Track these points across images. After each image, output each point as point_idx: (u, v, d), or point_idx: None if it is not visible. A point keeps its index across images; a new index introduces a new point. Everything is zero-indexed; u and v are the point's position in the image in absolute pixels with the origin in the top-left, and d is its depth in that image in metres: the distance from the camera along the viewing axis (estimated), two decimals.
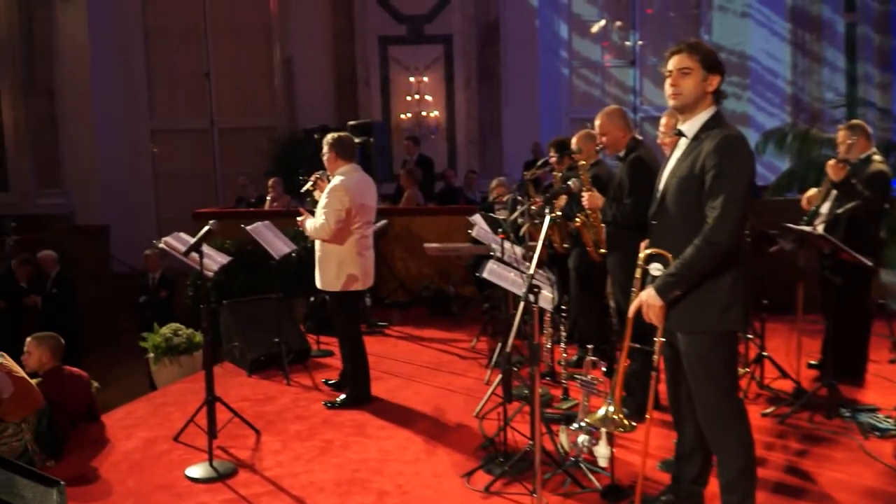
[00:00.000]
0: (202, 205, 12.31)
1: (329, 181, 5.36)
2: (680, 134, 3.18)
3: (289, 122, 14.57)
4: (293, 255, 6.82)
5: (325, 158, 5.35)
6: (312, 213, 5.38)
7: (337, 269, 5.28)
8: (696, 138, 3.12)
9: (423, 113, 13.94)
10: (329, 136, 5.39)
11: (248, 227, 6.23)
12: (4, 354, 4.73)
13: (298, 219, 5.42)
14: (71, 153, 14.78)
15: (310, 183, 5.60)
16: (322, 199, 5.22)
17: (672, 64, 3.11)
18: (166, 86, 15.47)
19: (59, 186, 14.90)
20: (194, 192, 15.06)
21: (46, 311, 10.04)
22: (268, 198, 10.37)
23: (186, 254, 4.60)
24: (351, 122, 9.45)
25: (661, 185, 3.21)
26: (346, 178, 5.27)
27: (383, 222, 9.04)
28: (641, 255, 3.23)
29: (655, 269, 3.14)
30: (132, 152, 15.21)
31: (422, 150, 11.83)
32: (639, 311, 3.16)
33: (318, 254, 5.38)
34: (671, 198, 3.13)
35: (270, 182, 10.43)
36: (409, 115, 13.95)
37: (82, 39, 14.47)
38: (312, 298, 7.76)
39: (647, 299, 3.11)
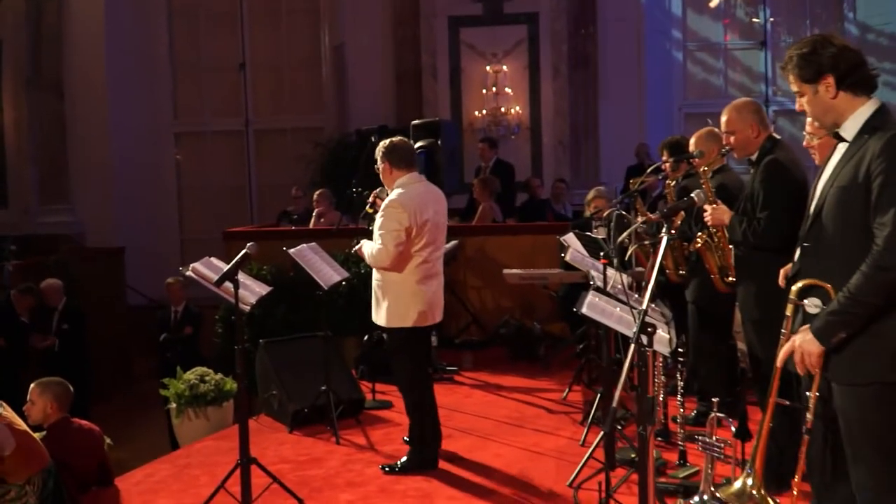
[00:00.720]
0: (234, 222, 12.48)
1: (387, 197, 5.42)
2: (838, 138, 3.14)
3: (339, 122, 14.75)
4: (344, 283, 6.90)
5: (379, 170, 5.45)
6: (369, 232, 5.47)
7: (396, 300, 5.33)
8: (858, 138, 3.07)
9: (502, 109, 13.96)
10: (382, 144, 5.47)
11: (291, 250, 6.29)
12: (4, 404, 4.85)
13: (354, 247, 5.54)
14: (81, 161, 15.03)
15: (368, 205, 5.73)
16: (377, 219, 5.32)
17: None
18: (194, 80, 15.83)
19: (66, 201, 15.18)
20: (225, 207, 15.36)
21: (52, 352, 10.30)
22: (314, 213, 10.58)
23: (219, 283, 4.68)
24: (414, 122, 9.45)
25: (816, 198, 3.15)
26: (404, 191, 5.34)
27: (453, 243, 9.09)
28: (794, 287, 3.17)
29: (813, 305, 3.09)
30: (153, 160, 15.56)
31: (500, 154, 11.81)
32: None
33: (374, 282, 5.44)
34: (829, 213, 3.07)
35: (316, 195, 10.63)
36: (484, 111, 13.99)
37: (97, 27, 14.83)
38: (367, 337, 7.87)
39: (802, 344, 3.05)
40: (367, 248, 5.38)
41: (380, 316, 5.43)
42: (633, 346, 3.18)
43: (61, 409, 5.27)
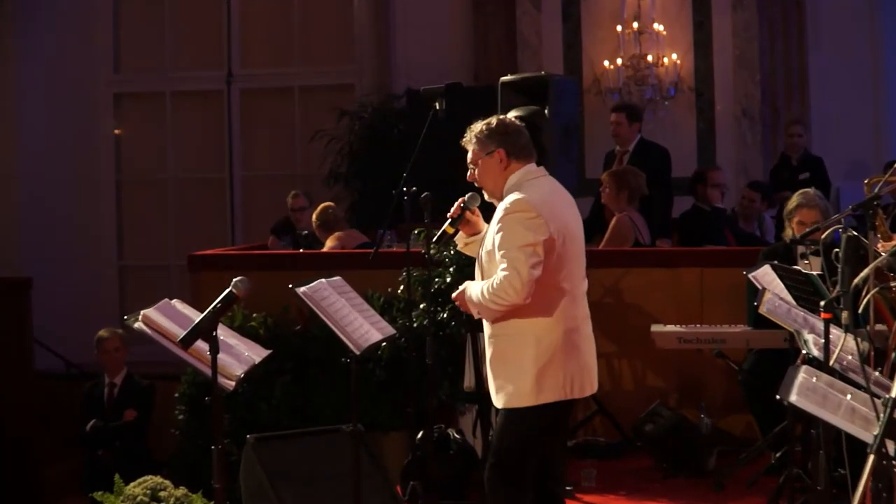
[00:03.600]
0: (206, 240, 12.43)
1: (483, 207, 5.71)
2: None
3: (378, 77, 14.42)
4: (385, 345, 7.11)
5: (475, 163, 5.64)
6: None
7: (534, 361, 5.45)
8: None
9: (649, 58, 13.51)
10: (481, 126, 5.61)
11: (301, 289, 6.19)
12: None
13: (454, 294, 5.69)
14: None
15: (449, 223, 5.78)
16: (490, 238, 5.52)
17: None
18: (147, 16, 15.51)
19: None
20: (191, 215, 15.08)
21: None
22: (334, 233, 10.45)
23: (187, 343, 4.80)
24: (505, 79, 8.97)
25: None
26: (531, 188, 5.55)
27: None
28: None
29: None
30: (77, 134, 15.22)
31: (646, 131, 11.45)
32: None
33: (489, 338, 5.63)
34: None
35: (317, 217, 10.66)
36: (619, 62, 13.56)
37: None
38: (422, 434, 7.66)
39: None
40: (476, 288, 5.46)
41: (504, 393, 5.54)
42: (871, 459, 3.22)
43: None
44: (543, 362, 5.47)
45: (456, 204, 5.81)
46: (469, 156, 5.66)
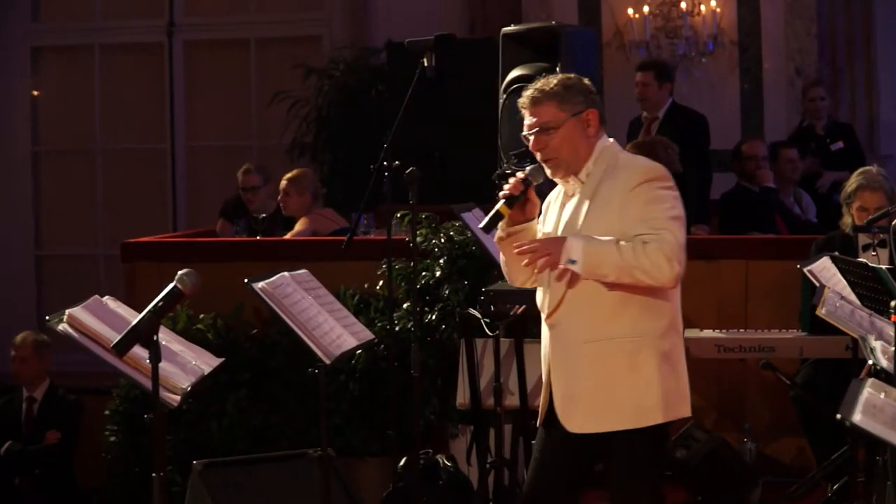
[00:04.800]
0: (143, 225, 12.47)
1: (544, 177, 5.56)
2: None
3: (352, 29, 14.38)
4: (360, 353, 7.28)
5: (554, 125, 5.45)
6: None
7: (662, 367, 5.44)
8: None
9: (682, 5, 13.53)
10: (559, 78, 5.52)
11: (259, 285, 6.24)
12: None
13: (562, 264, 5.35)
14: None
15: (504, 202, 5.48)
16: (644, 200, 5.39)
17: None
18: None
19: None
20: (126, 192, 14.98)
21: None
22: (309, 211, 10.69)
23: (121, 349, 4.80)
24: (507, 29, 8.92)
25: None
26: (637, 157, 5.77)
27: None
28: None
29: None
30: None
31: (678, 94, 11.58)
32: None
33: (589, 343, 5.42)
34: None
35: (289, 180, 10.61)
36: (646, 10, 13.58)
37: None
38: (405, 460, 7.65)
39: None
40: (616, 255, 5.26)
41: (627, 407, 5.43)
42: None
43: None
44: (667, 371, 5.50)
45: (514, 178, 5.58)
46: (538, 118, 5.45)
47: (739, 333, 8.10)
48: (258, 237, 10.54)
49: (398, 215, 7.89)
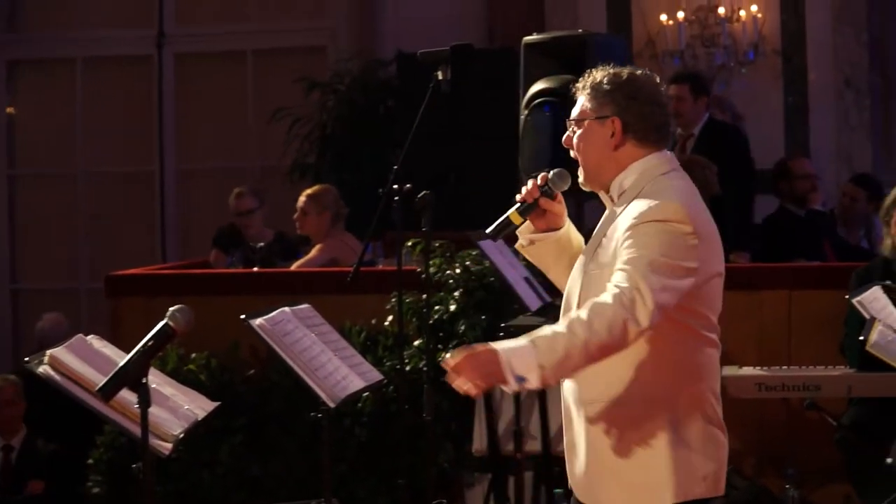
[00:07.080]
0: (129, 257, 12.49)
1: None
2: None
3: (361, 39, 14.43)
4: (367, 395, 7.22)
5: (578, 123, 5.11)
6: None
7: (669, 441, 4.99)
8: None
9: (720, 11, 13.56)
10: (608, 73, 5.16)
11: (257, 322, 6.29)
12: None
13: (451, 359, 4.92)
14: None
15: (517, 208, 5.25)
16: (629, 244, 4.91)
17: None
18: None
19: None
20: (111, 220, 15.02)
21: None
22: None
23: (107, 393, 4.81)
24: (529, 39, 8.94)
25: None
26: (675, 189, 5.10)
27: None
28: None
29: None
30: None
31: (716, 108, 11.57)
32: None
33: (588, 404, 5.08)
34: None
35: (308, 197, 10.51)
36: (681, 16, 13.60)
37: None
38: None
39: None
40: (571, 342, 4.75)
41: (627, 483, 5.05)
42: None
43: None
44: (689, 431, 5.08)
45: (532, 181, 5.26)
46: (575, 110, 5.17)
47: (782, 371, 8.11)
48: (255, 268, 10.40)
49: (409, 244, 7.84)
